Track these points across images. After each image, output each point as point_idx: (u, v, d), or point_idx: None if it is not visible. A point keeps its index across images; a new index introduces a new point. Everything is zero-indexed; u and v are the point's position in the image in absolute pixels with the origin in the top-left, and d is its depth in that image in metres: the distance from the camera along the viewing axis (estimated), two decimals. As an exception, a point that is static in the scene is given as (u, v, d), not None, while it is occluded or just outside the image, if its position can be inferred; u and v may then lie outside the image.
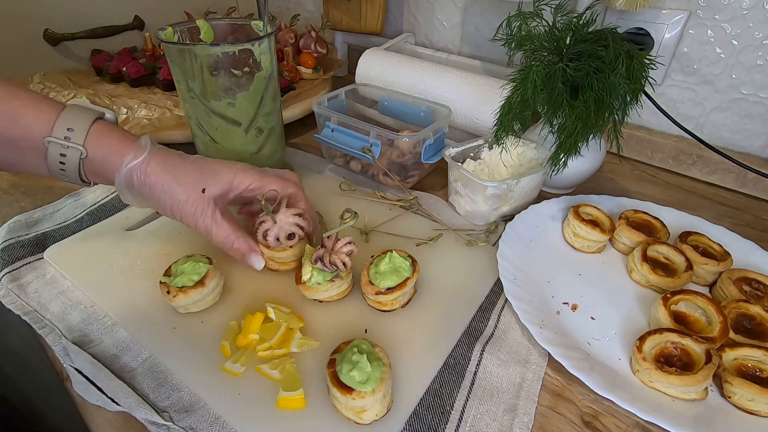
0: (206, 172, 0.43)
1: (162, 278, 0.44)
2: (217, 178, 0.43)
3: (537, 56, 0.55)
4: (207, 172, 0.43)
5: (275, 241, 0.45)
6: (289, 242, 0.46)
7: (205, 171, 0.43)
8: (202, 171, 0.43)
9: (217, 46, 0.52)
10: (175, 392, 0.38)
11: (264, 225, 0.46)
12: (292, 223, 0.46)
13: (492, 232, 0.58)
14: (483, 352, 0.42)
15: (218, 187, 0.43)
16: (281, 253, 0.47)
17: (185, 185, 0.41)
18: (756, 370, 0.39)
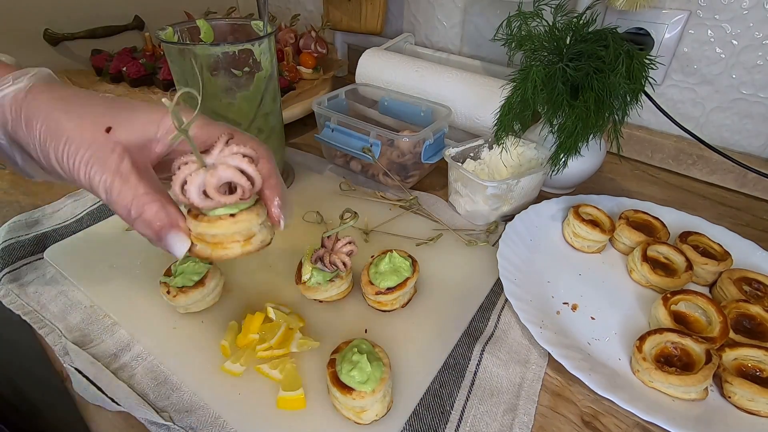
0: (119, 107, 0.30)
1: (162, 278, 0.44)
2: (134, 116, 0.30)
3: (537, 56, 0.55)
4: (120, 108, 0.30)
5: (200, 196, 0.28)
6: (225, 198, 0.28)
7: (117, 107, 0.30)
8: (112, 106, 0.30)
9: (217, 46, 0.52)
10: (175, 392, 0.38)
11: (184, 168, 0.28)
12: (232, 166, 0.28)
13: (492, 232, 0.58)
14: (483, 352, 0.42)
15: (134, 131, 0.29)
16: (214, 225, 0.29)
17: (80, 118, 0.28)
18: (756, 370, 0.39)
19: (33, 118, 0.28)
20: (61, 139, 0.28)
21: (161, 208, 0.29)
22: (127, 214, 0.28)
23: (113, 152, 0.28)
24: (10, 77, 0.29)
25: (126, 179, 0.28)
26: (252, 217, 0.30)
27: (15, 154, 0.31)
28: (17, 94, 0.29)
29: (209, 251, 0.30)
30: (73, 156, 0.28)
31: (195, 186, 0.27)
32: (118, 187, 0.28)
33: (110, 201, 0.28)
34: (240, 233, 0.30)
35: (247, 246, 0.30)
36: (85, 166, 0.28)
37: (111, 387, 0.38)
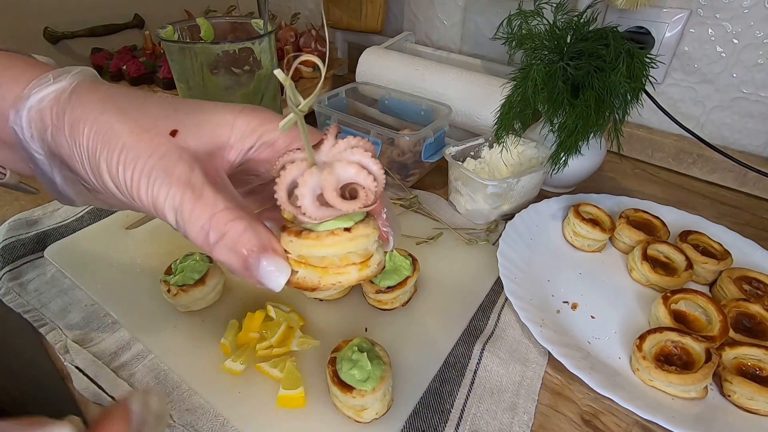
0: (182, 108, 0.24)
1: (162, 277, 0.44)
2: (202, 118, 0.24)
3: (537, 55, 0.55)
4: (184, 108, 0.25)
5: (314, 203, 0.21)
6: (348, 204, 0.21)
7: (181, 107, 0.25)
8: (174, 106, 0.24)
9: (218, 45, 0.52)
10: (175, 390, 0.38)
11: (291, 168, 0.22)
12: (354, 162, 0.22)
13: (492, 231, 0.58)
14: (483, 350, 0.43)
15: (203, 136, 0.24)
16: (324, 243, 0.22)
17: (138, 120, 0.23)
18: (756, 368, 0.39)
19: (79, 122, 0.23)
20: (116, 147, 0.22)
21: (248, 227, 0.22)
22: (204, 237, 0.21)
23: (180, 160, 0.22)
24: (49, 75, 0.24)
25: (199, 193, 0.22)
26: (369, 231, 0.23)
27: (54, 171, 0.25)
28: (59, 94, 0.23)
29: (317, 278, 0.23)
30: (131, 167, 0.22)
31: (309, 189, 0.21)
32: (191, 203, 0.21)
33: (181, 222, 0.22)
34: (356, 252, 0.23)
35: (364, 270, 0.23)
36: (147, 179, 0.22)
37: (111, 385, 0.38)
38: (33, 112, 0.23)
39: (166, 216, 0.22)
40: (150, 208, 0.22)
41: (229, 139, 0.25)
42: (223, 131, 0.24)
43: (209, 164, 0.23)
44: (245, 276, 0.22)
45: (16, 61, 0.25)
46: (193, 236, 0.22)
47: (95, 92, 0.24)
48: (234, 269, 0.22)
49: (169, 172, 0.22)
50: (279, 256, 0.22)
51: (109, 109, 0.23)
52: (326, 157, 0.22)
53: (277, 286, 0.22)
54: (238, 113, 0.25)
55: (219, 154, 0.24)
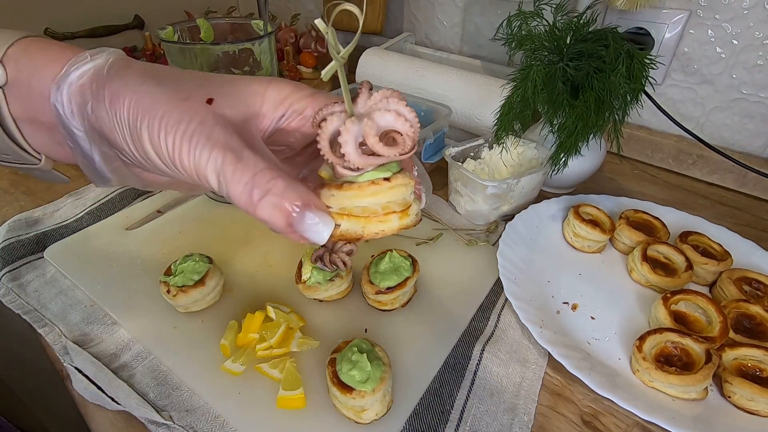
0: (215, 79, 0.26)
1: (162, 277, 0.44)
2: (235, 89, 0.26)
3: (537, 56, 0.55)
4: (216, 79, 0.26)
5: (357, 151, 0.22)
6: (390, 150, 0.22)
7: (213, 79, 0.26)
8: (207, 78, 0.26)
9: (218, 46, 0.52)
10: (175, 391, 0.38)
11: (332, 119, 0.23)
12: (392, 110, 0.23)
13: (492, 232, 0.58)
14: (483, 351, 0.42)
15: (237, 104, 0.25)
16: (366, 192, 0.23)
17: (176, 90, 0.24)
18: (756, 369, 0.39)
19: (119, 93, 0.23)
20: (156, 115, 0.23)
21: (289, 184, 0.22)
22: (248, 195, 0.22)
23: (218, 125, 0.23)
24: (87, 53, 0.25)
25: (239, 155, 0.22)
26: (407, 180, 0.24)
27: (93, 149, 0.25)
28: (98, 70, 0.24)
29: (360, 228, 0.23)
30: (173, 132, 0.22)
31: (352, 137, 0.22)
32: (233, 164, 0.22)
33: (224, 183, 0.22)
34: (396, 201, 0.24)
35: (405, 219, 0.24)
36: (188, 143, 0.22)
37: (111, 386, 0.38)
38: (74, 87, 0.24)
39: (209, 179, 0.23)
40: (192, 173, 0.23)
41: (261, 108, 0.26)
42: (255, 100, 0.26)
43: (244, 131, 0.25)
44: (288, 233, 0.23)
45: (51, 44, 0.26)
46: (236, 195, 0.22)
47: (132, 67, 0.25)
48: (277, 227, 0.23)
49: (209, 136, 0.22)
50: (322, 210, 0.23)
51: (148, 80, 0.24)
52: (363, 109, 0.23)
53: (321, 238, 0.23)
54: (268, 84, 0.26)
55: (252, 122, 0.26)
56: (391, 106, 0.23)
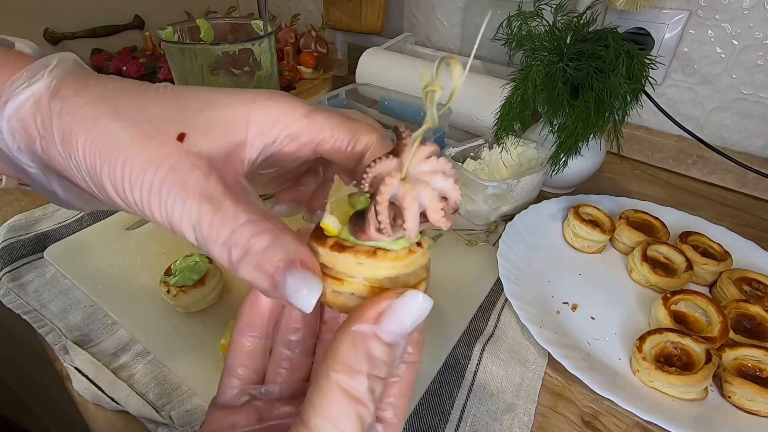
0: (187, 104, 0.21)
1: (162, 277, 0.44)
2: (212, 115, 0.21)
3: (537, 56, 0.55)
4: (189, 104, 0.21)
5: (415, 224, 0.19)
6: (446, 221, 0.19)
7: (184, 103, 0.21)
8: (176, 103, 0.21)
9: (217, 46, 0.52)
10: (174, 391, 0.38)
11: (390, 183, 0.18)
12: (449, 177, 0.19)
13: (492, 232, 0.58)
14: (483, 351, 0.42)
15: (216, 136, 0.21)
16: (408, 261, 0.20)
17: (140, 125, 0.19)
18: (756, 369, 0.39)
19: (71, 133, 0.19)
20: (117, 161, 0.19)
21: (274, 240, 0.19)
22: (228, 255, 0.19)
23: (194, 169, 0.19)
24: (23, 73, 0.20)
25: (218, 205, 0.19)
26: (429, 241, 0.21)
27: (53, 183, 0.22)
28: (39, 98, 0.20)
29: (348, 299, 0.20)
30: (138, 183, 0.19)
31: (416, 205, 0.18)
32: (209, 217, 0.19)
33: (201, 239, 0.19)
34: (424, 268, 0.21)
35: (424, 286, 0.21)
36: (158, 195, 0.19)
37: (111, 386, 0.38)
38: (14, 122, 0.20)
39: (184, 234, 0.19)
40: (165, 224, 0.20)
41: (246, 136, 0.21)
42: (238, 129, 0.21)
43: (226, 169, 0.20)
44: (277, 298, 0.19)
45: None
46: (216, 255, 0.19)
47: (83, 93, 0.20)
48: (263, 290, 0.19)
49: (182, 185, 0.19)
50: (308, 270, 0.19)
51: (104, 114, 0.19)
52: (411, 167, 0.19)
53: (305, 305, 0.18)
54: (251, 104, 0.21)
55: (236, 154, 0.21)
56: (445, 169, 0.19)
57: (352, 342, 0.17)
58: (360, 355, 0.17)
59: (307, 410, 0.17)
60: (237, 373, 0.22)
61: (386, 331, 0.18)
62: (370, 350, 0.17)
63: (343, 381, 0.17)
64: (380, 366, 0.17)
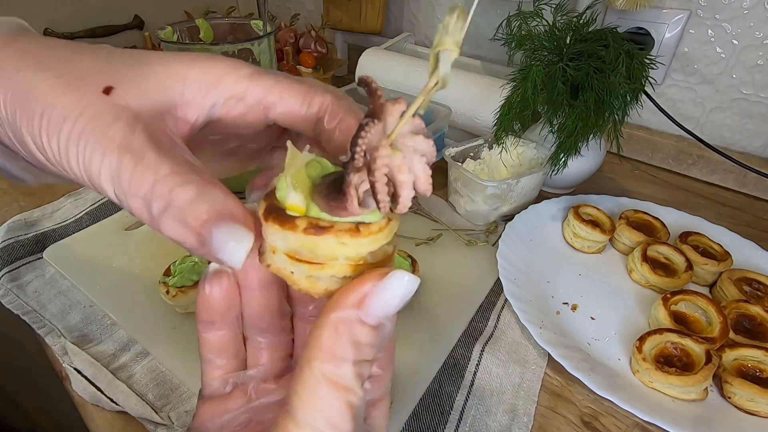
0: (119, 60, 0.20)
1: (161, 278, 0.44)
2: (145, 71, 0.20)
3: (537, 56, 0.55)
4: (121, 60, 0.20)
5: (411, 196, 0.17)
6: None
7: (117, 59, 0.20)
8: (109, 59, 0.20)
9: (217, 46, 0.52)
10: (174, 392, 0.38)
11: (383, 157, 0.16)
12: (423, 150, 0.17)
13: (492, 232, 0.58)
14: (483, 352, 0.42)
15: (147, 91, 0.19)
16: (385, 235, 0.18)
17: (62, 77, 0.18)
18: (756, 370, 0.39)
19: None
20: (36, 110, 0.18)
21: (199, 192, 0.17)
22: (147, 209, 0.17)
23: (117, 120, 0.18)
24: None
25: (140, 157, 0.17)
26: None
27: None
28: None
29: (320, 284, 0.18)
30: (56, 132, 0.18)
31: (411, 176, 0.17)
32: (129, 169, 0.17)
33: (120, 193, 0.17)
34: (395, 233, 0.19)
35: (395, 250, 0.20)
36: (76, 145, 0.17)
37: (110, 387, 0.38)
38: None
39: (104, 188, 0.18)
40: (84, 179, 0.18)
41: (183, 94, 0.20)
42: (173, 86, 0.20)
43: (156, 125, 0.19)
44: (205, 255, 0.18)
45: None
46: (135, 210, 0.17)
47: (12, 46, 0.19)
48: (189, 247, 0.17)
49: (102, 135, 0.17)
50: (237, 223, 0.17)
51: (27, 65, 0.18)
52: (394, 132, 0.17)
53: (234, 260, 0.17)
54: (190, 63, 0.20)
55: (171, 113, 0.20)
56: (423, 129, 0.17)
57: (335, 329, 0.16)
58: (344, 341, 0.16)
59: (293, 401, 0.16)
60: (215, 364, 0.22)
61: (371, 315, 0.17)
62: (355, 336, 0.16)
63: (329, 370, 0.16)
64: (366, 350, 0.17)
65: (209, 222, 0.17)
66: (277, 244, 0.17)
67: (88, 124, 0.17)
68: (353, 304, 0.17)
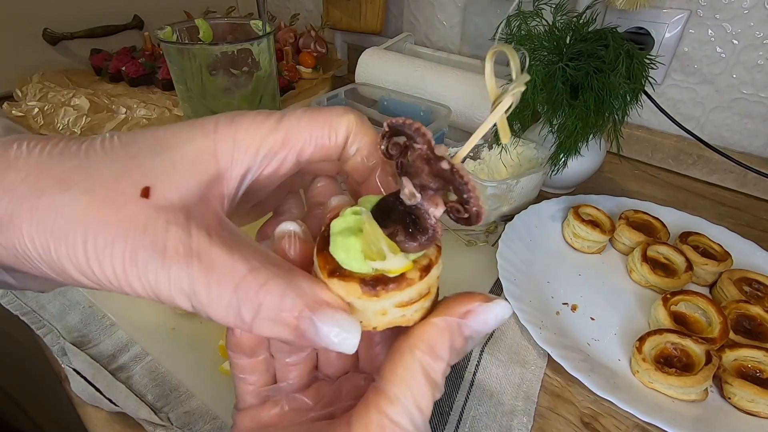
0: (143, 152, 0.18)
1: (160, 278, 0.44)
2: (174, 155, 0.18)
3: (537, 56, 0.55)
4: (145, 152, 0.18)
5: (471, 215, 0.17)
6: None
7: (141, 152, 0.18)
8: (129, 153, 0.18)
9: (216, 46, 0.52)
10: (173, 392, 0.38)
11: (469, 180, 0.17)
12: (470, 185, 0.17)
13: (491, 232, 0.58)
14: (482, 352, 0.42)
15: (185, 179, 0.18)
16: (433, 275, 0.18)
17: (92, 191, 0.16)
18: (756, 370, 0.39)
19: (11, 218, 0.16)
20: (76, 237, 0.16)
21: (287, 286, 0.17)
22: (236, 317, 0.16)
23: (170, 226, 0.16)
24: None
25: (209, 263, 0.16)
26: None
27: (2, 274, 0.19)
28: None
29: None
30: (107, 256, 0.16)
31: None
32: (203, 279, 0.16)
33: (200, 307, 0.16)
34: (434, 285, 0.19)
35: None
36: (135, 267, 0.16)
37: (109, 388, 0.38)
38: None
39: (178, 303, 0.17)
40: (153, 298, 0.17)
41: (218, 170, 0.18)
42: (207, 166, 0.18)
43: (206, 215, 0.17)
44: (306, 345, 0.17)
45: None
46: (222, 319, 0.16)
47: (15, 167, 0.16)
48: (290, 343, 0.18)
49: (161, 249, 0.16)
50: (336, 309, 0.17)
51: (47, 186, 0.16)
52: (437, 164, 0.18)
53: (347, 347, 0.17)
54: (214, 134, 0.18)
55: (212, 194, 0.18)
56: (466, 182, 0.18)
57: (440, 330, 0.18)
58: (446, 343, 0.18)
59: (387, 379, 0.17)
60: (248, 381, 0.22)
61: (470, 327, 0.18)
62: (453, 341, 0.18)
63: (427, 362, 0.17)
64: (454, 355, 0.18)
65: (308, 317, 0.16)
66: (386, 306, 0.17)
67: (141, 240, 0.16)
68: (460, 314, 0.18)
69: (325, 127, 0.20)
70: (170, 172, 0.17)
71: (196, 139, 0.18)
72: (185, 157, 0.18)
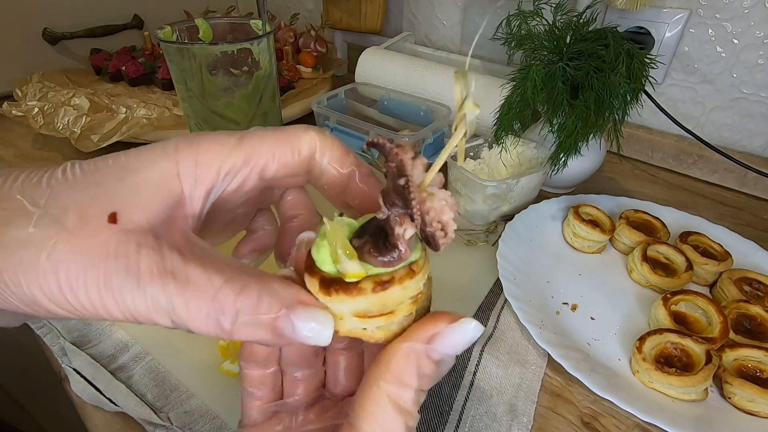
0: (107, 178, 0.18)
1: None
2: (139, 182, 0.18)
3: (537, 55, 0.55)
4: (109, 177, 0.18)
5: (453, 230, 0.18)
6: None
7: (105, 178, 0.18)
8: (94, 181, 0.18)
9: (216, 46, 0.52)
10: (173, 392, 0.38)
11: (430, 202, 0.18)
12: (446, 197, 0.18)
13: (491, 232, 0.58)
14: (482, 352, 0.42)
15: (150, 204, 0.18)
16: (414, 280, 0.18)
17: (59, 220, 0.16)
18: (756, 370, 0.39)
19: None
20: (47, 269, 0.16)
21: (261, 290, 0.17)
22: (216, 326, 0.17)
23: (141, 248, 0.16)
24: None
25: (185, 279, 0.16)
26: None
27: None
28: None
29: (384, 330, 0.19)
30: (82, 286, 0.16)
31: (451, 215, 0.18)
32: (179, 295, 0.16)
33: (180, 321, 0.17)
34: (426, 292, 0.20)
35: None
36: (111, 292, 0.16)
37: (109, 387, 0.38)
38: None
39: (158, 322, 0.17)
40: (131, 320, 0.17)
41: (182, 192, 0.19)
42: (171, 188, 0.18)
43: (174, 235, 0.18)
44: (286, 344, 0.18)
45: None
46: (202, 329, 0.17)
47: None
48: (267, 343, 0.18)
49: (134, 272, 0.16)
50: (311, 307, 0.18)
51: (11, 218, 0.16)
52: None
53: (322, 339, 0.18)
54: (175, 155, 0.19)
55: (177, 215, 0.18)
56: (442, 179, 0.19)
57: (405, 357, 0.18)
58: (412, 370, 0.18)
59: (357, 414, 0.18)
60: (255, 396, 0.23)
61: (437, 351, 0.18)
62: (421, 367, 0.18)
63: (394, 392, 0.17)
64: (426, 381, 0.18)
65: (283, 316, 0.17)
66: (343, 311, 0.18)
67: (114, 265, 0.16)
68: (425, 339, 0.18)
69: (287, 144, 0.21)
70: (135, 197, 0.17)
71: (158, 162, 0.18)
72: (149, 180, 0.18)
